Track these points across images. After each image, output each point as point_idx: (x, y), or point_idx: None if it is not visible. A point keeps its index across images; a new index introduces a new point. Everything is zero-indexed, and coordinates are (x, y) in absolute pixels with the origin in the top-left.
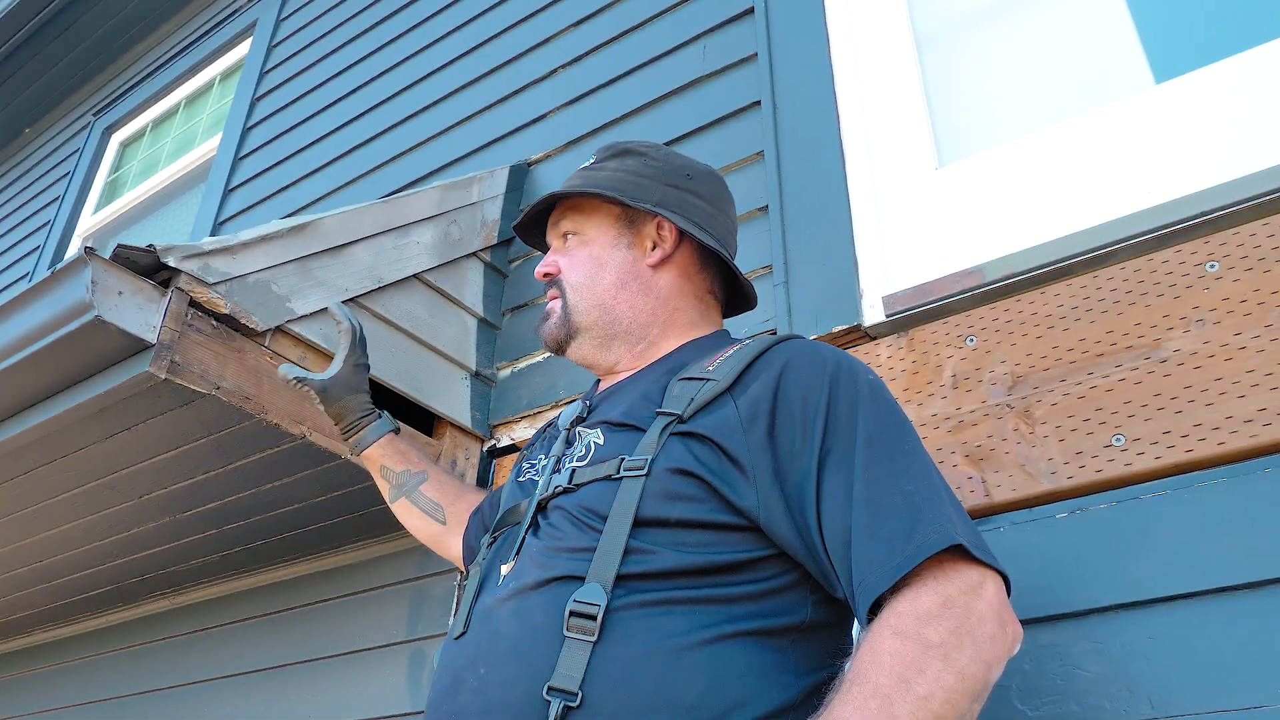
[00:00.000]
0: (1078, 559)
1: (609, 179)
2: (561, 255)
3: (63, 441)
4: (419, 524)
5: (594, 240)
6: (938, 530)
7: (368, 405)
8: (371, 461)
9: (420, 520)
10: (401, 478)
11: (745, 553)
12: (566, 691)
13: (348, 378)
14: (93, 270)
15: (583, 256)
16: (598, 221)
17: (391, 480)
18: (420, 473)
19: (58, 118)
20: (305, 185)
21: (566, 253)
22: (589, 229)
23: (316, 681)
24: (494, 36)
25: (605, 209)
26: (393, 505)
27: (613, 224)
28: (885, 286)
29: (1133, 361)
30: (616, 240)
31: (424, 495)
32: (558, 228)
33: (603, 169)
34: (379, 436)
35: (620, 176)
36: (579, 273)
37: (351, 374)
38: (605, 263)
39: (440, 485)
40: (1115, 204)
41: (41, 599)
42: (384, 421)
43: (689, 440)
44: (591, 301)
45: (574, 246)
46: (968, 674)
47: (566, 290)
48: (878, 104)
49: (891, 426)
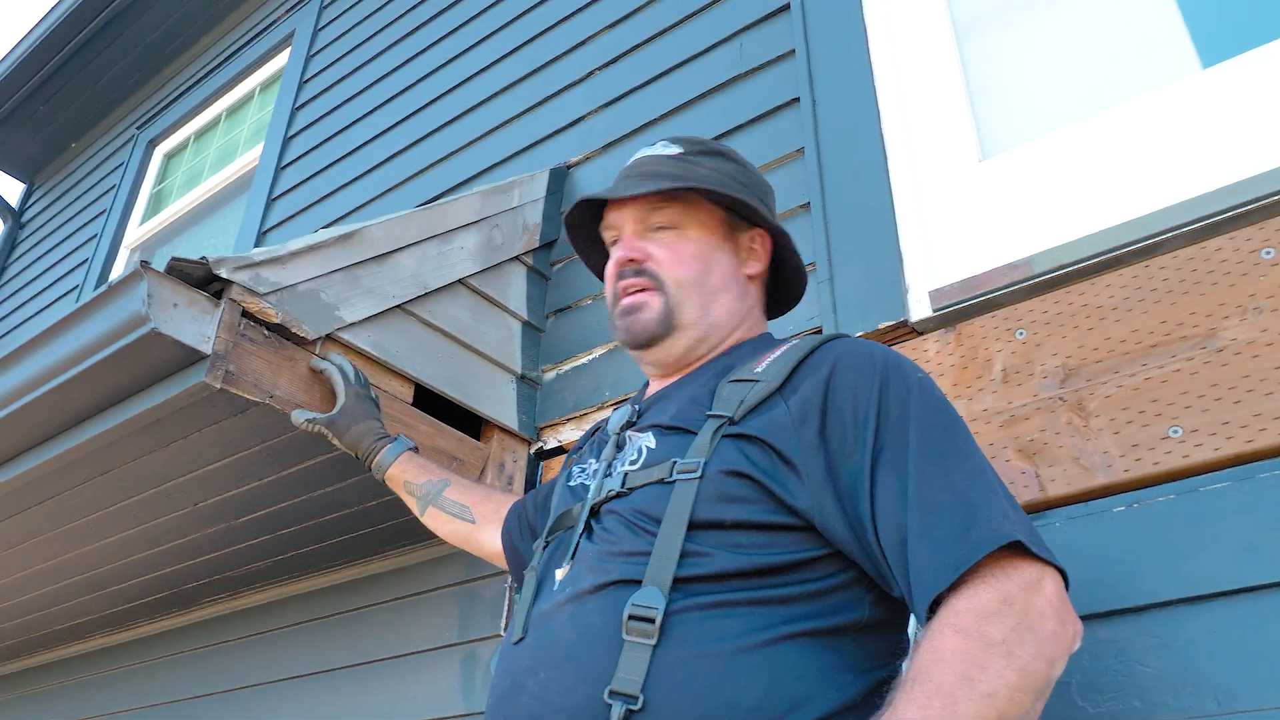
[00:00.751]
0: (1136, 553)
1: (718, 181)
2: (652, 245)
3: (119, 452)
4: (449, 528)
5: (697, 239)
6: (994, 527)
7: (380, 430)
8: (394, 481)
9: (450, 524)
10: (425, 488)
11: (801, 553)
12: (628, 695)
13: (354, 408)
14: (148, 284)
15: (689, 253)
16: (703, 220)
17: (416, 493)
18: (443, 480)
19: (102, 132)
20: (347, 193)
21: (661, 244)
22: (692, 225)
23: (368, 684)
24: (530, 40)
25: (710, 208)
26: (423, 518)
27: (718, 226)
28: (931, 281)
29: (1188, 351)
30: (721, 242)
31: (450, 500)
32: (646, 219)
33: (700, 165)
34: (397, 456)
35: (725, 181)
36: (686, 269)
37: (357, 404)
38: (712, 263)
39: (464, 488)
40: (1165, 192)
41: (99, 605)
42: (399, 443)
43: (741, 442)
44: (697, 301)
45: (672, 240)
46: (1030, 671)
47: (668, 284)
48: (918, 97)
49: (943, 424)
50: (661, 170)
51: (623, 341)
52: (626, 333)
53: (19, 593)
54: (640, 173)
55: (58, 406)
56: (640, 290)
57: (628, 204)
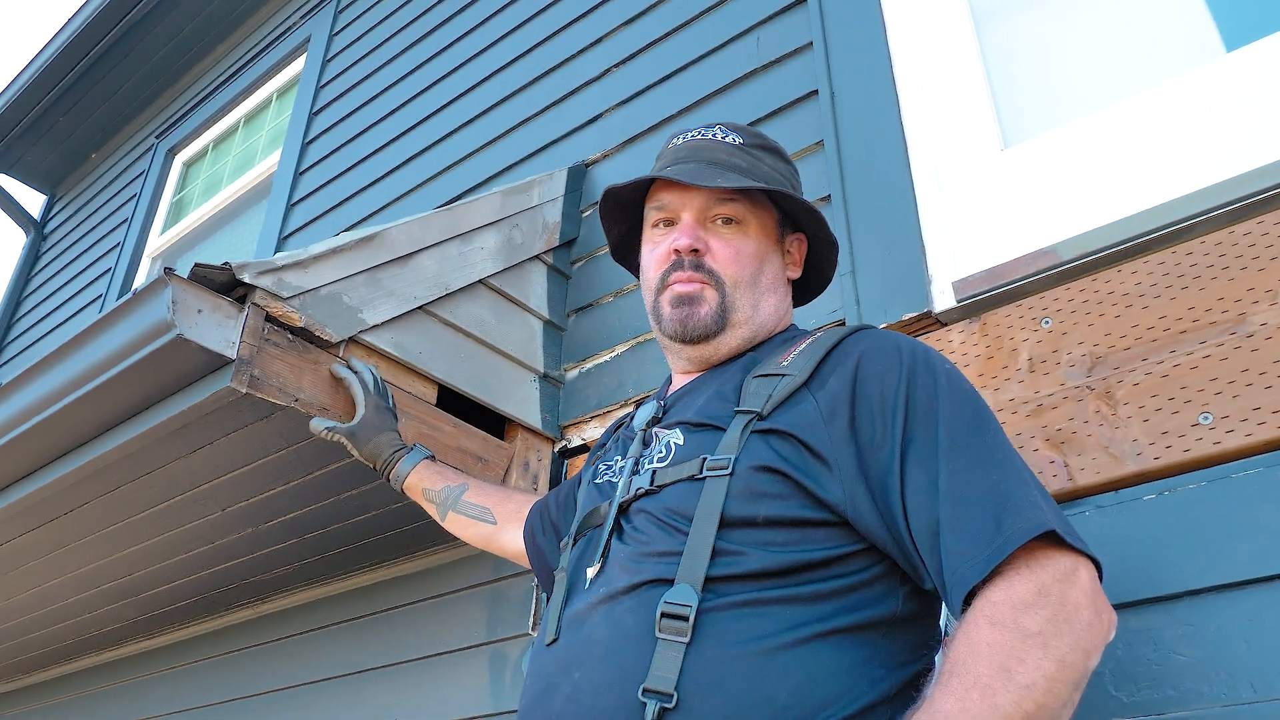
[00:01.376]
0: (1168, 541)
1: (781, 182)
2: (714, 238)
3: (147, 458)
4: (471, 531)
5: (756, 238)
6: (1027, 518)
7: (398, 441)
8: (413, 489)
9: (471, 527)
10: (444, 494)
11: (833, 549)
12: (662, 693)
13: (372, 419)
14: (172, 290)
15: (748, 252)
16: (763, 219)
17: (435, 499)
18: (460, 485)
19: (122, 141)
20: (366, 196)
21: (722, 239)
22: (754, 224)
23: (397, 685)
24: (545, 40)
25: (769, 208)
26: (444, 523)
27: (774, 227)
28: (954, 271)
29: (1218, 337)
30: (774, 245)
31: (469, 503)
32: (711, 209)
33: (763, 162)
34: (414, 465)
35: (785, 184)
36: (744, 268)
37: (375, 415)
38: (765, 263)
39: (482, 491)
40: (1192, 177)
41: (129, 612)
42: (416, 452)
43: (770, 437)
44: (750, 300)
45: (733, 236)
46: (1068, 662)
47: (725, 282)
48: (938, 86)
49: (971, 415)
50: (730, 161)
51: (671, 333)
52: (681, 324)
53: (52, 600)
54: (706, 159)
55: (85, 414)
56: (701, 285)
57: (691, 189)
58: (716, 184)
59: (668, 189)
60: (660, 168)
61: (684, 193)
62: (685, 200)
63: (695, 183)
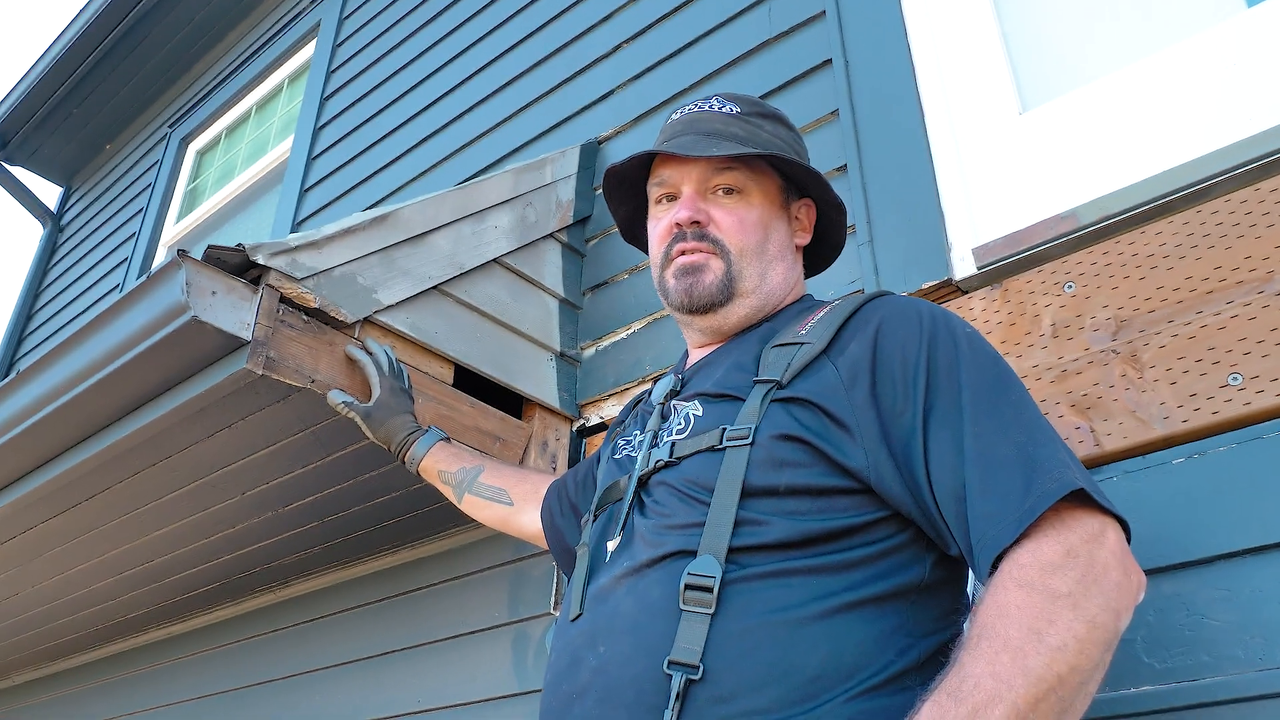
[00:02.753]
0: (1198, 505)
1: (781, 148)
2: (715, 208)
3: (166, 443)
4: (488, 512)
5: (759, 205)
6: (1055, 478)
7: (413, 423)
8: (429, 471)
9: (488, 508)
10: (459, 475)
11: (857, 516)
12: (687, 665)
13: (387, 401)
14: (186, 272)
15: (752, 220)
16: (766, 186)
17: (451, 481)
18: (476, 466)
19: (135, 132)
20: (379, 179)
21: (724, 209)
22: (755, 191)
23: (421, 666)
24: (555, 17)
25: (771, 175)
26: (461, 504)
27: (778, 193)
28: (974, 238)
29: (1245, 297)
30: (779, 212)
31: (485, 485)
32: (710, 179)
33: (762, 129)
34: (429, 448)
35: (786, 149)
36: (749, 236)
37: (391, 398)
38: (771, 231)
39: (498, 472)
40: (1214, 135)
41: (153, 598)
42: (431, 434)
43: (791, 405)
44: (757, 269)
45: (735, 205)
46: (1098, 623)
47: (730, 251)
48: (953, 51)
49: (994, 377)
50: (727, 130)
51: (678, 304)
52: (686, 294)
53: (75, 587)
54: (703, 130)
55: (104, 399)
56: (706, 255)
57: (689, 162)
58: (712, 153)
59: (666, 164)
60: (659, 143)
61: (682, 166)
62: (684, 173)
63: (691, 154)
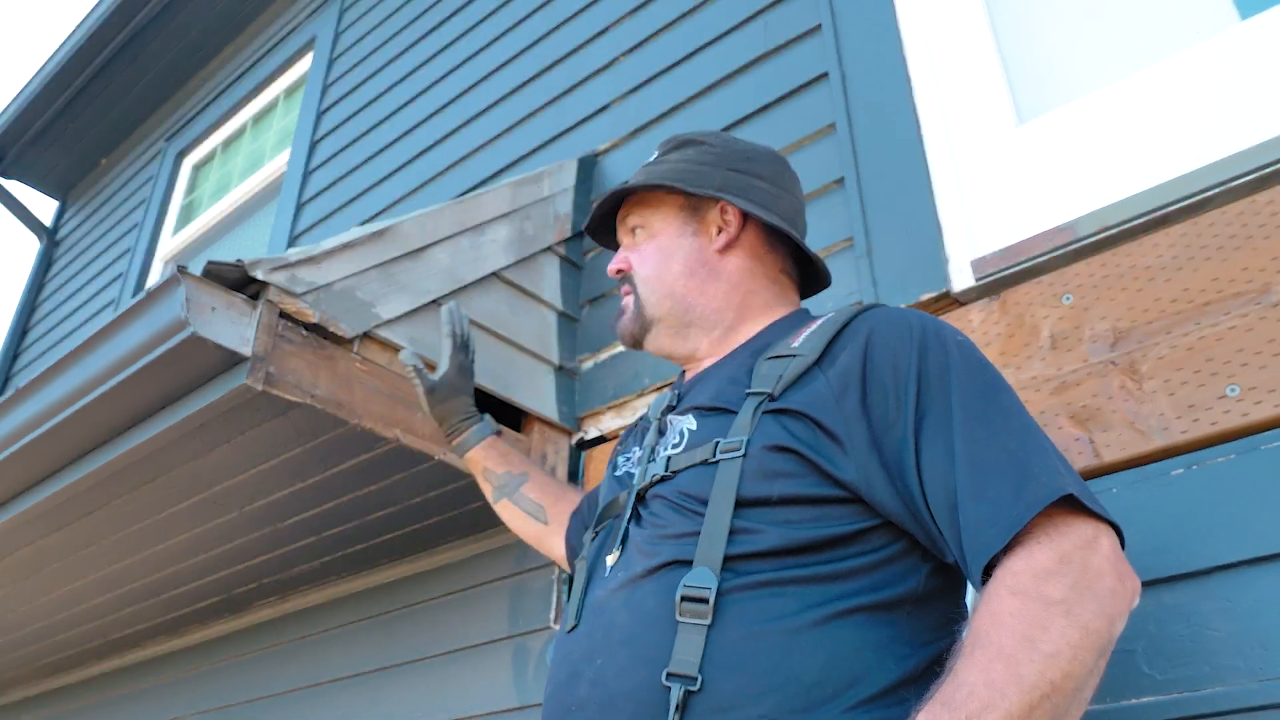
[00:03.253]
0: (1198, 516)
1: (670, 171)
2: (631, 251)
3: (165, 458)
4: (521, 524)
5: (660, 232)
6: (1046, 484)
7: (471, 408)
8: (474, 464)
9: (523, 521)
10: (503, 479)
11: (851, 525)
12: (686, 676)
13: (454, 378)
14: (186, 288)
15: (650, 249)
16: (663, 213)
17: (494, 482)
18: (522, 474)
19: (131, 146)
20: (376, 193)
21: (635, 248)
22: (655, 221)
23: (421, 681)
24: (552, 31)
25: (669, 200)
26: (495, 505)
27: (677, 214)
28: (972, 250)
29: (1242, 308)
30: (682, 229)
31: (526, 497)
32: (625, 224)
33: (664, 162)
34: (481, 439)
35: (681, 167)
36: (648, 265)
37: (457, 375)
38: (672, 252)
39: (541, 486)
40: (1211, 147)
41: (153, 613)
42: (486, 425)
43: (782, 417)
44: (662, 292)
45: (642, 240)
46: (1092, 629)
47: (637, 284)
48: (949, 63)
49: (985, 385)
50: (634, 179)
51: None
52: (619, 337)
53: (74, 603)
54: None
55: (103, 415)
56: (626, 295)
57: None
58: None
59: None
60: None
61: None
62: (620, 231)
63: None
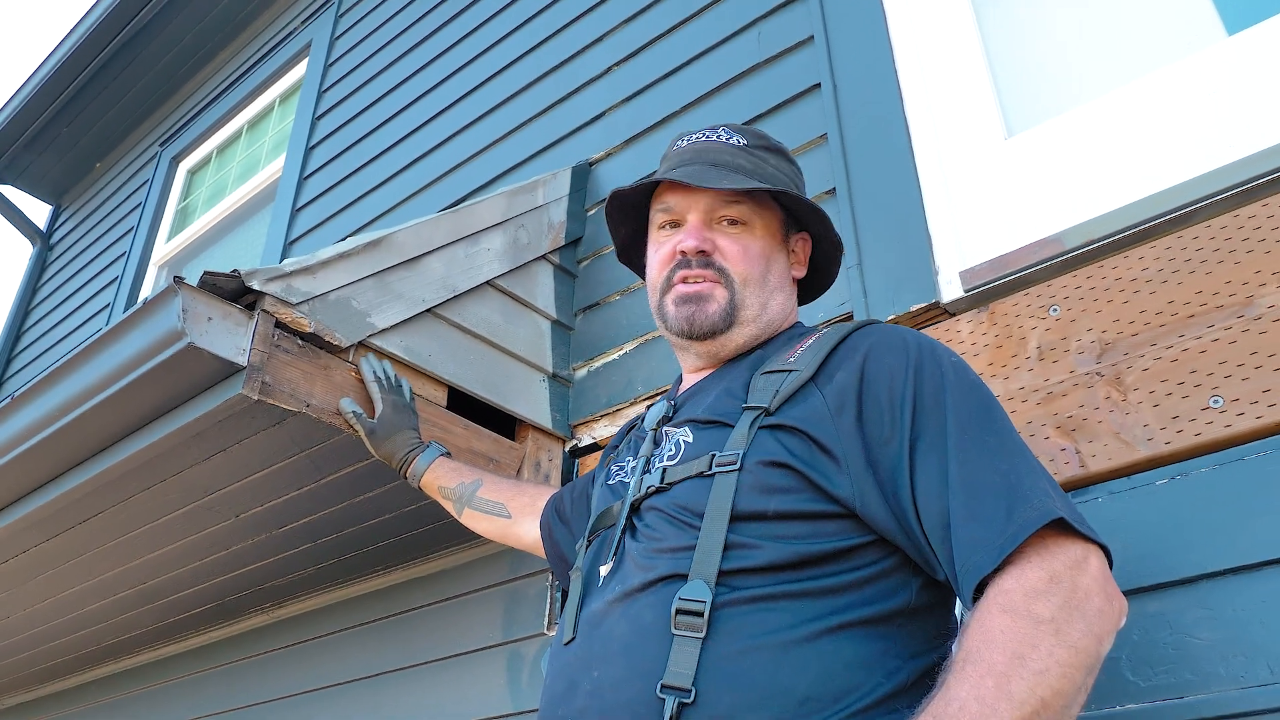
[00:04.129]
0: (1182, 525)
1: (785, 183)
2: (721, 238)
3: (162, 466)
4: (486, 525)
5: (763, 237)
6: (1037, 507)
7: (415, 440)
8: (429, 487)
9: (487, 521)
10: (459, 490)
11: (844, 540)
12: (680, 689)
13: (390, 417)
14: (182, 299)
15: (755, 250)
16: (768, 220)
17: (451, 496)
18: (475, 481)
19: (125, 151)
20: (371, 200)
21: (730, 239)
22: (759, 224)
23: (415, 687)
24: (547, 39)
25: (774, 208)
26: (461, 519)
27: (779, 226)
28: (961, 261)
29: (1226, 321)
30: (779, 244)
31: (484, 499)
32: (717, 209)
33: (768, 163)
34: (430, 463)
35: (789, 184)
36: (752, 266)
37: (394, 415)
38: (772, 262)
39: (496, 486)
40: (1196, 161)
41: (147, 619)
42: (432, 449)
43: (778, 432)
44: (759, 298)
45: (740, 235)
46: (1080, 648)
47: (734, 280)
48: (940, 76)
49: (979, 407)
50: (734, 163)
51: (678, 330)
52: (688, 322)
53: (70, 609)
54: (710, 160)
55: (99, 423)
56: (710, 283)
57: (696, 191)
58: (723, 185)
59: (673, 191)
60: (665, 170)
61: (689, 195)
62: (691, 202)
63: (702, 184)
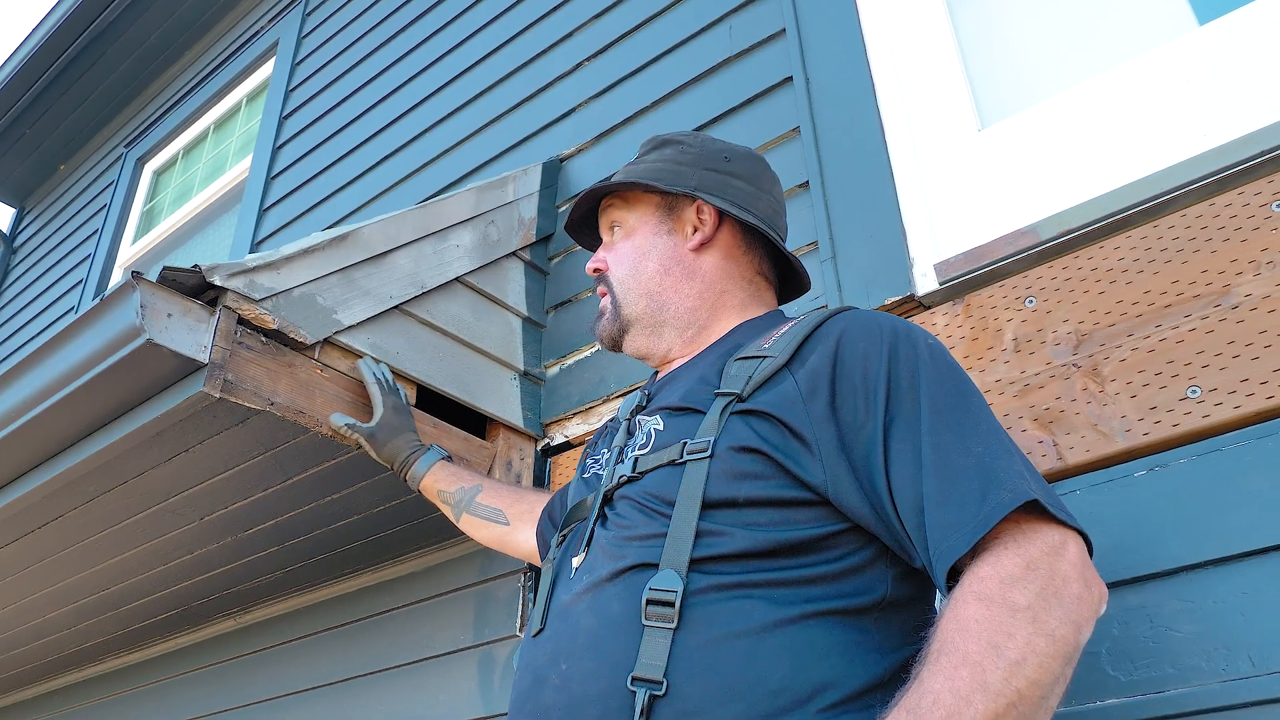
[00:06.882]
0: (1161, 517)
1: (647, 170)
2: (608, 251)
3: (122, 468)
4: (484, 532)
5: (636, 230)
6: (1011, 489)
7: (415, 442)
8: (429, 490)
9: (485, 528)
10: (458, 495)
11: (818, 528)
12: (651, 681)
13: (391, 419)
14: (141, 294)
15: (627, 248)
16: (639, 212)
17: (450, 500)
18: (475, 487)
19: (90, 152)
20: (340, 198)
21: (612, 247)
22: (631, 220)
23: (386, 691)
24: (516, 35)
25: (646, 199)
26: (459, 524)
27: (653, 213)
28: (936, 254)
29: (1202, 310)
30: (657, 228)
31: (483, 505)
32: (604, 223)
33: (642, 161)
34: (430, 466)
35: (658, 166)
36: (624, 265)
37: (394, 416)
38: (648, 251)
39: (495, 492)
40: (1170, 151)
41: (111, 626)
42: (433, 452)
43: (750, 418)
44: (638, 291)
45: (618, 240)
46: (1058, 636)
47: (614, 285)
48: (913, 68)
49: (954, 389)
50: (613, 181)
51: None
52: (600, 339)
53: (30, 616)
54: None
55: (57, 424)
56: (603, 296)
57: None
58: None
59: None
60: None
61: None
62: (601, 231)
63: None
